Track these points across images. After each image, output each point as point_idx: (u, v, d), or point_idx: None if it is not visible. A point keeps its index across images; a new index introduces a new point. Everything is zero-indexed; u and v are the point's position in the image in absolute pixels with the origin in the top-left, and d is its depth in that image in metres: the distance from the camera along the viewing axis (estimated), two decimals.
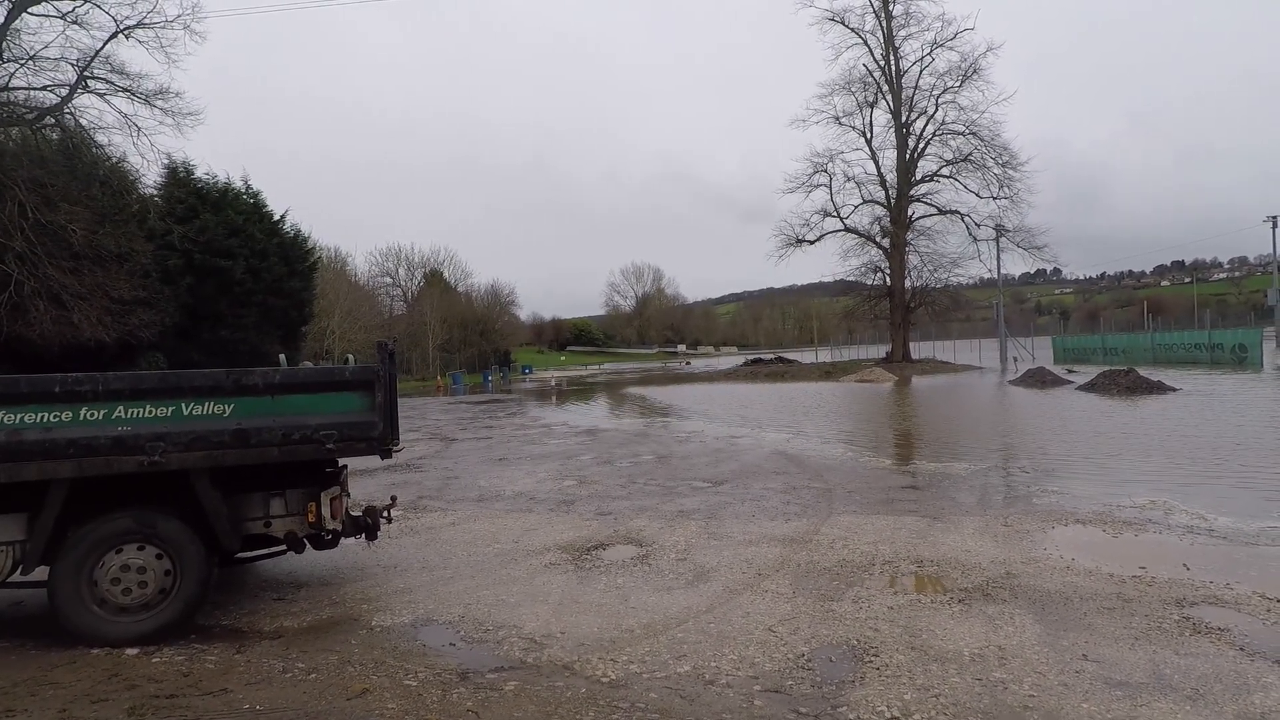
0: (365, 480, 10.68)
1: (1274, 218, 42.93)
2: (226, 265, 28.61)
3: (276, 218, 33.00)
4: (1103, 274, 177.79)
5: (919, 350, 46.93)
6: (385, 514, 5.87)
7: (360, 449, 5.00)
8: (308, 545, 5.17)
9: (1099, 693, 3.52)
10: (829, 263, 63.93)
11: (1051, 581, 5.19)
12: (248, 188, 32.26)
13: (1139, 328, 42.67)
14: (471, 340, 66.28)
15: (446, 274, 76.35)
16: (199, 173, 30.35)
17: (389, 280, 74.40)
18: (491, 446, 14.62)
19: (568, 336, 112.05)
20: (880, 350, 47.34)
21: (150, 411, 4.54)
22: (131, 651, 4.34)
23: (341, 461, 5.66)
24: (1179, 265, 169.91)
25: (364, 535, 5.67)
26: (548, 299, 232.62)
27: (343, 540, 5.88)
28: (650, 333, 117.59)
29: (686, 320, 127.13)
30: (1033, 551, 5.95)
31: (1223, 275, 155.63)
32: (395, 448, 5.20)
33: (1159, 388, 19.89)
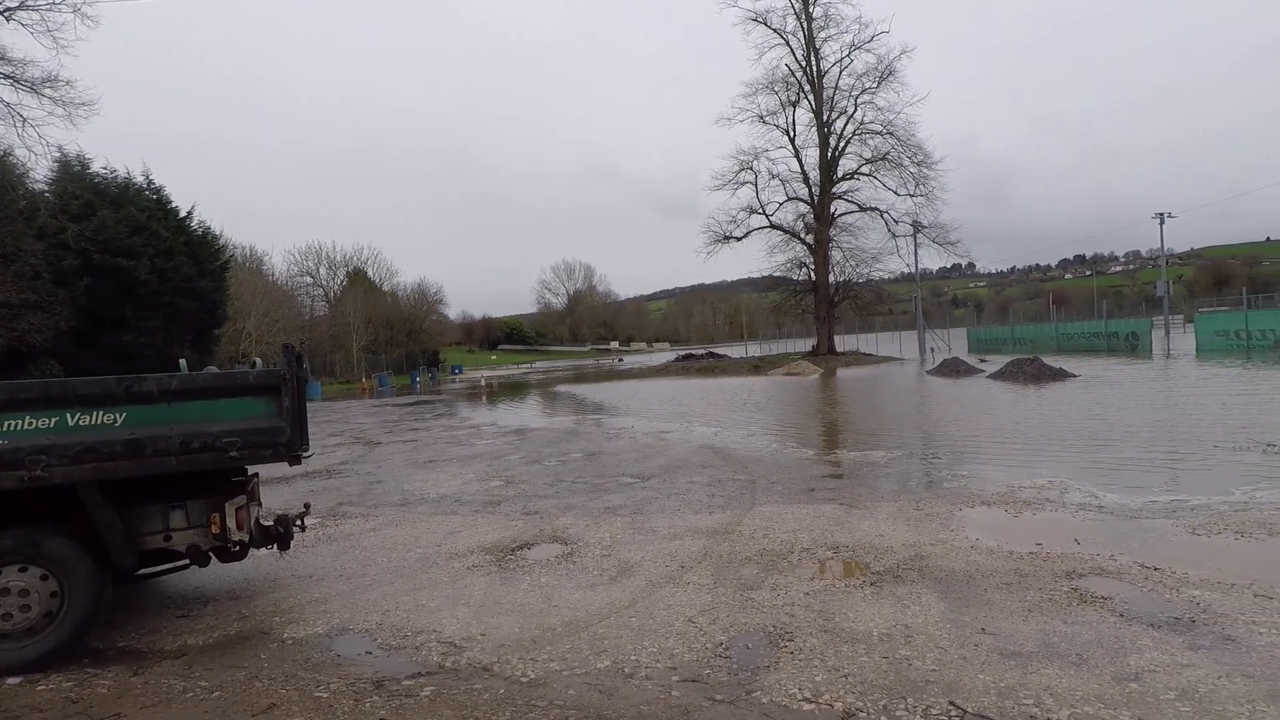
0: (282, 488, 10.27)
1: (1162, 215, 46.17)
2: (129, 265, 26.97)
3: (183, 214, 31.34)
4: (1013, 268, 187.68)
5: (844, 343, 48.38)
6: (298, 522, 5.68)
7: (267, 456, 4.80)
8: (213, 558, 4.95)
9: (994, 663, 3.73)
10: (757, 259, 65.68)
11: (957, 561, 5.45)
12: (150, 182, 30.52)
13: (1045, 319, 45.19)
14: (398, 341, 64.61)
15: (371, 273, 74.18)
16: (96, 166, 28.51)
17: (309, 280, 71.81)
18: (417, 449, 14.30)
19: (499, 335, 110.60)
20: (807, 344, 48.55)
21: (31, 423, 4.24)
22: (14, 681, 4.05)
23: (252, 470, 5.44)
24: (1081, 259, 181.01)
25: (276, 545, 5.47)
26: (478, 298, 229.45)
27: (253, 551, 5.65)
28: (583, 330, 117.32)
29: (619, 317, 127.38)
30: (941, 533, 6.24)
31: (1119, 268, 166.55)
32: (305, 454, 5.02)
33: (1061, 375, 21.14)
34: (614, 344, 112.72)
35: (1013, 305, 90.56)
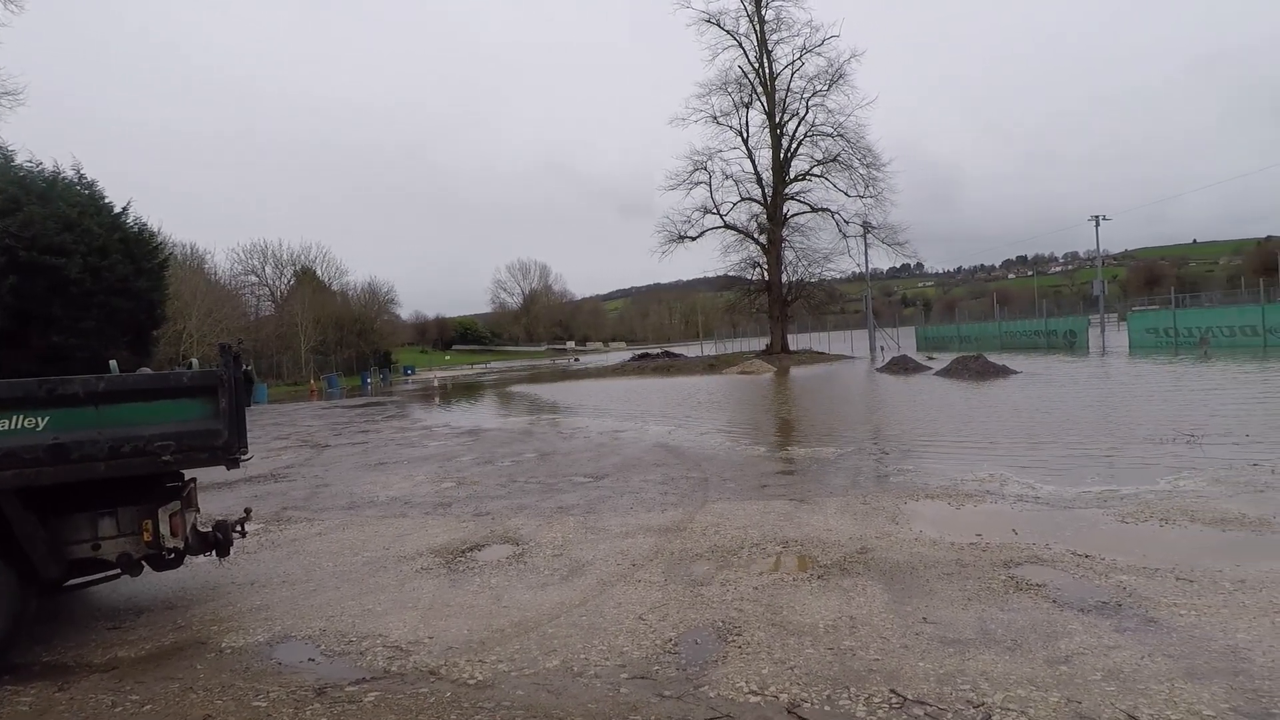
0: (224, 493, 9.97)
1: (1097, 218, 48.08)
2: (59, 263, 25.67)
3: (118, 210, 29.97)
4: (959, 268, 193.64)
5: (797, 342, 49.14)
6: (239, 528, 5.50)
7: (203, 460, 4.65)
8: (146, 567, 4.76)
9: (934, 651, 3.83)
10: (711, 258, 66.32)
11: (901, 553, 5.59)
12: (81, 177, 29.09)
13: (989, 317, 46.61)
14: (348, 341, 63.20)
15: (319, 272, 72.43)
16: (21, 159, 27.08)
17: (254, 279, 69.72)
18: (367, 451, 14.00)
19: (453, 335, 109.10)
20: (762, 343, 49.14)
21: None
22: None
23: (189, 474, 5.26)
24: (1023, 260, 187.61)
25: (214, 552, 5.30)
26: (431, 298, 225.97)
27: (190, 559, 5.48)
28: (539, 330, 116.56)
29: (575, 317, 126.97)
30: (887, 527, 6.38)
31: (1059, 269, 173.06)
32: (244, 457, 4.87)
33: (1003, 372, 21.85)
34: (570, 344, 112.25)
35: (959, 304, 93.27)
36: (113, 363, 5.91)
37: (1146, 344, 30.58)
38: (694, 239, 46.25)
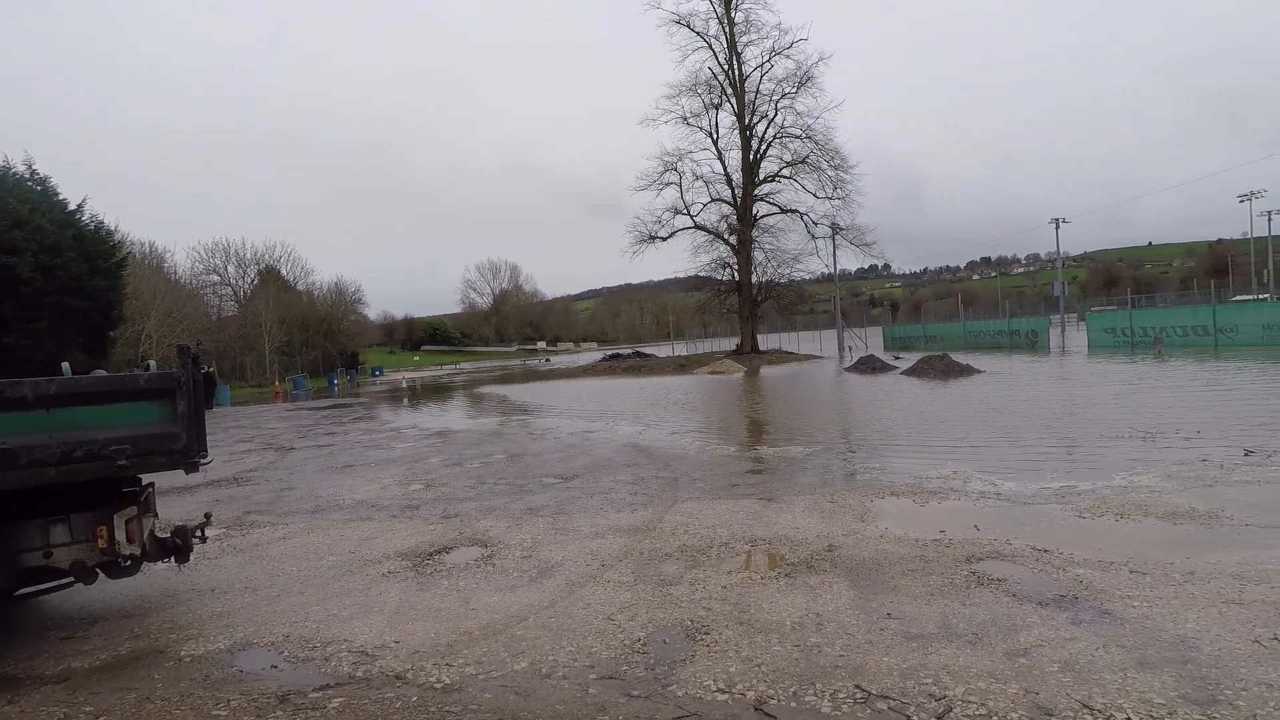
0: (185, 498, 9.74)
1: (1058, 220, 49.35)
2: (9, 262, 24.93)
3: (72, 207, 29.17)
4: (925, 269, 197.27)
5: (766, 342, 49.54)
6: (199, 533, 5.40)
7: (161, 464, 4.54)
8: (100, 575, 4.63)
9: (898, 646, 3.90)
10: (682, 259, 66.50)
11: (867, 550, 5.67)
12: (33, 172, 28.29)
13: (954, 317, 47.47)
14: (314, 342, 62.14)
15: (284, 271, 71.15)
16: None
17: (217, 278, 68.19)
18: (333, 454, 13.79)
19: (422, 336, 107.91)
20: (732, 343, 49.44)
21: None
22: None
23: (147, 479, 5.13)
24: (987, 261, 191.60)
25: (173, 559, 5.19)
26: (401, 298, 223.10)
27: (148, 566, 5.34)
28: (509, 330, 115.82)
29: (546, 317, 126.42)
30: (853, 524, 6.47)
31: (1021, 270, 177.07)
32: (204, 461, 4.76)
33: (967, 370, 22.27)
34: (541, 344, 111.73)
35: (925, 305, 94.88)
36: (65, 365, 5.74)
37: (1104, 343, 31.41)
38: (665, 239, 46.40)
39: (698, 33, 44.63)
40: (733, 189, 45.71)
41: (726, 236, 46.25)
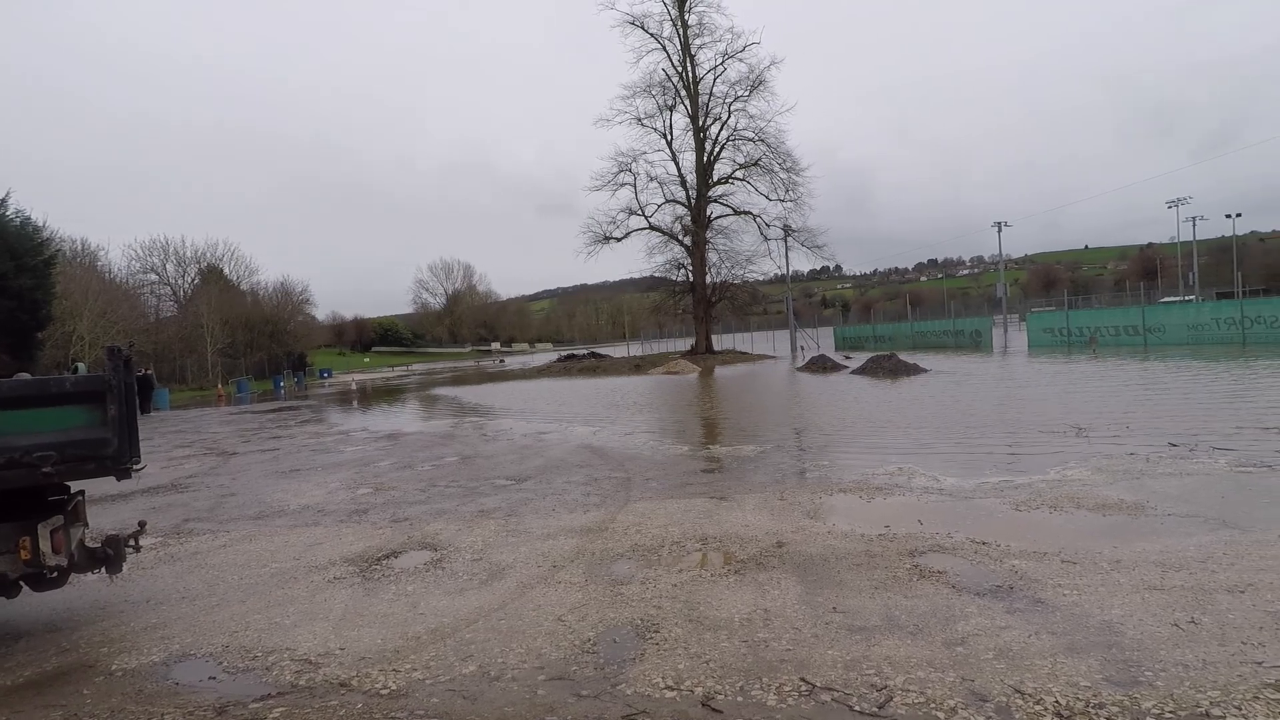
0: (120, 506, 9.36)
1: (999, 224, 50.95)
2: None
3: None
4: (875, 270, 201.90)
5: (721, 342, 49.94)
6: (132, 542, 5.18)
7: (89, 471, 4.36)
8: (24, 587, 4.43)
9: (843, 639, 3.99)
10: (637, 259, 66.64)
11: (815, 546, 5.78)
12: None
13: (903, 318, 48.61)
14: (260, 343, 60.28)
15: (227, 270, 68.79)
16: None
17: (155, 277, 65.58)
18: (278, 458, 13.41)
19: (372, 337, 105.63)
20: (688, 343, 49.70)
21: None
22: None
23: (76, 486, 4.91)
24: (934, 263, 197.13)
25: (104, 569, 4.98)
26: (349, 298, 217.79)
27: (77, 577, 5.14)
28: (463, 331, 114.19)
29: (500, 317, 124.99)
30: (802, 521, 6.59)
31: (966, 271, 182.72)
32: (136, 467, 4.59)
33: (914, 370, 22.87)
34: (495, 345, 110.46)
35: (875, 305, 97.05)
36: None
37: (1043, 342, 32.59)
38: (619, 240, 46.36)
39: (652, 34, 44.77)
40: (687, 190, 45.96)
41: (681, 237, 46.47)
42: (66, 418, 4.31)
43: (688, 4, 43.94)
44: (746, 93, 43.62)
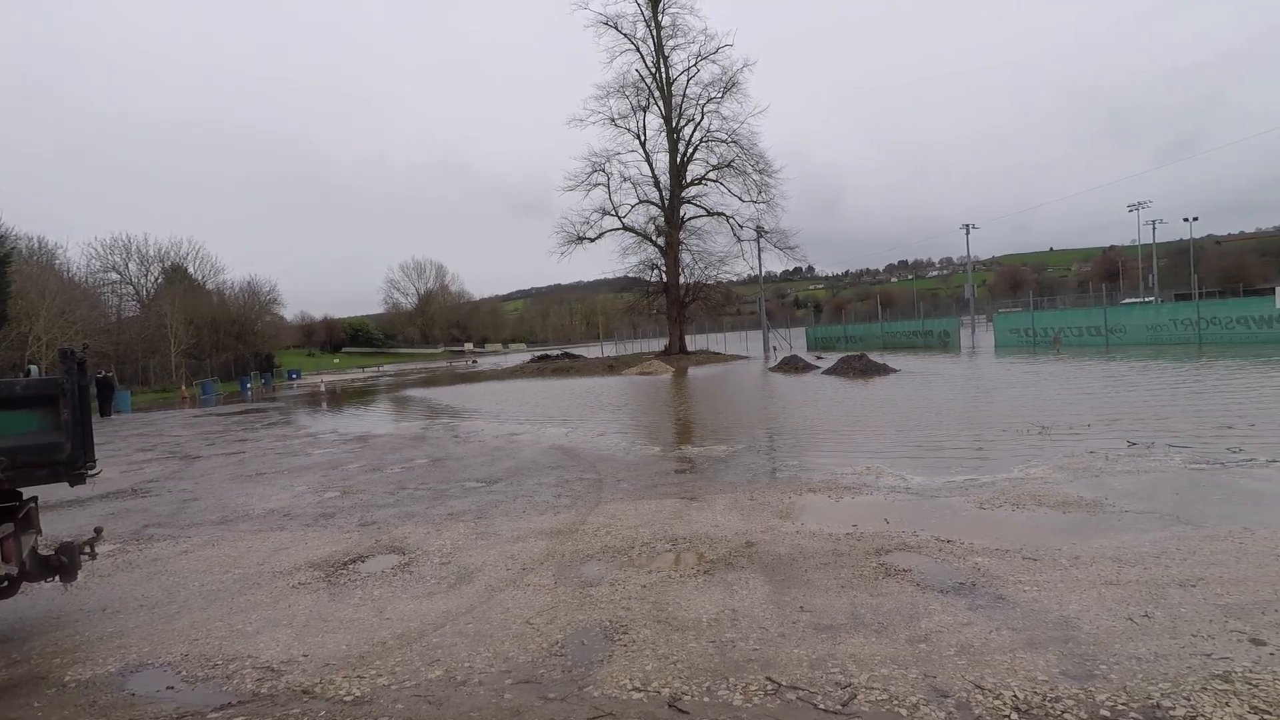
0: (76, 512, 9.12)
1: (968, 225, 51.85)
2: None
3: None
4: (846, 271, 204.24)
5: (695, 342, 50.16)
6: (87, 549, 5.07)
7: (41, 477, 4.24)
8: None
9: (809, 638, 4.03)
10: (611, 260, 66.63)
11: (784, 546, 5.82)
12: None
13: (874, 318, 49.22)
14: (226, 344, 59.20)
15: (192, 269, 67.47)
16: None
17: (116, 277, 63.97)
18: (244, 462, 13.16)
19: (342, 337, 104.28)
20: (661, 343, 49.82)
21: None
22: None
23: (28, 493, 4.77)
24: (904, 264, 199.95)
25: (58, 577, 4.85)
26: (319, 298, 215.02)
27: (30, 586, 5.00)
28: (435, 331, 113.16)
29: (473, 317, 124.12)
30: (771, 521, 6.63)
31: (935, 273, 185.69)
32: (91, 472, 4.48)
33: (884, 370, 23.17)
34: (468, 345, 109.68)
35: (846, 306, 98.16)
36: None
37: (1010, 343, 33.24)
38: (593, 240, 46.34)
39: (625, 35, 44.83)
40: (660, 191, 46.10)
41: (654, 238, 46.57)
42: (17, 422, 4.19)
43: (661, 5, 44.08)
44: (719, 94, 43.94)
